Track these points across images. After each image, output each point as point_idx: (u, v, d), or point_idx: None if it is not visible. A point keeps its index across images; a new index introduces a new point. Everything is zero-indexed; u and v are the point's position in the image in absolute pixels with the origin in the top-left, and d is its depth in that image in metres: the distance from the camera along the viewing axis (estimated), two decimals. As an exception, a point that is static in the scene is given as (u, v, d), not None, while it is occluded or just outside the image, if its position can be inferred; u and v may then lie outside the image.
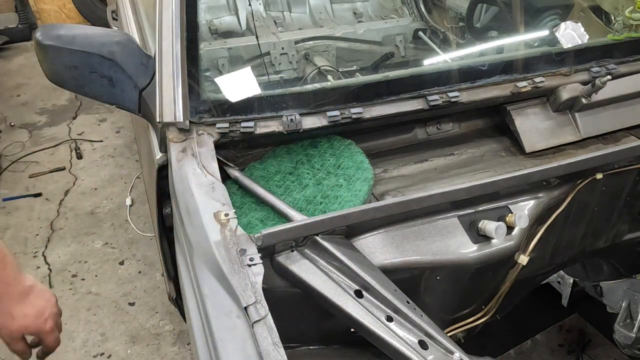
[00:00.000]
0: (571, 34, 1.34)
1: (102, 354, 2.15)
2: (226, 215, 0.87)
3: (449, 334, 1.17)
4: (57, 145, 3.51)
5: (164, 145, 1.12)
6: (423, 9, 2.37)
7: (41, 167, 3.29)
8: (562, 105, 1.34)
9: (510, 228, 1.09)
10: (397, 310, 0.87)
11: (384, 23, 2.32)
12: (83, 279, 2.50)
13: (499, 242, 1.08)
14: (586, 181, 1.21)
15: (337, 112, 1.13)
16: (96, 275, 2.53)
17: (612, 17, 1.74)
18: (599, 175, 1.21)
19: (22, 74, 4.43)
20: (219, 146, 1.06)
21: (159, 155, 1.14)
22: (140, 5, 1.87)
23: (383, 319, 0.86)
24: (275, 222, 1.01)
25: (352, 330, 0.89)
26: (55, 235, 2.77)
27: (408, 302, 0.89)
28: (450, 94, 1.22)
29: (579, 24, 1.36)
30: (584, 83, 1.34)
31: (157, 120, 1.07)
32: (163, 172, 1.13)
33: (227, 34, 2.11)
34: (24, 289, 0.86)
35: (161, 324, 2.30)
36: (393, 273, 0.96)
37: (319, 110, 1.13)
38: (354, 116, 1.13)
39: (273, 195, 1.05)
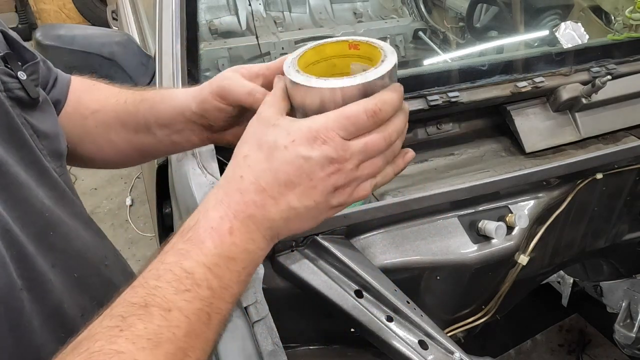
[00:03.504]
0: (571, 34, 1.34)
1: (102, 354, 2.15)
2: (226, 215, 0.87)
3: (449, 334, 1.17)
4: (57, 145, 3.52)
5: (164, 145, 1.12)
6: (423, 9, 2.37)
7: (41, 167, 3.29)
8: (562, 105, 1.34)
9: (510, 228, 1.09)
10: (397, 310, 0.87)
11: (384, 23, 2.32)
12: (83, 279, 2.50)
13: (499, 242, 1.08)
14: (586, 181, 1.21)
15: (337, 112, 1.13)
16: (96, 275, 2.53)
17: (612, 17, 1.74)
18: (599, 175, 1.21)
19: (22, 74, 4.43)
20: (219, 146, 1.06)
21: (159, 155, 1.13)
22: (140, 5, 1.87)
23: (383, 319, 0.86)
24: (275, 222, 1.01)
25: (352, 330, 0.89)
26: (55, 235, 2.77)
27: (408, 302, 0.89)
28: (450, 94, 1.22)
29: (579, 24, 1.36)
30: (584, 83, 1.34)
31: (157, 120, 1.07)
32: (163, 172, 1.13)
33: (227, 34, 2.11)
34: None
35: (161, 324, 2.31)
36: (393, 273, 0.96)
37: (319, 110, 1.13)
38: (354, 116, 1.13)
39: (273, 195, 1.05)
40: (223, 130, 0.73)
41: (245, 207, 0.49)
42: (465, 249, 1.05)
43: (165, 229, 1.22)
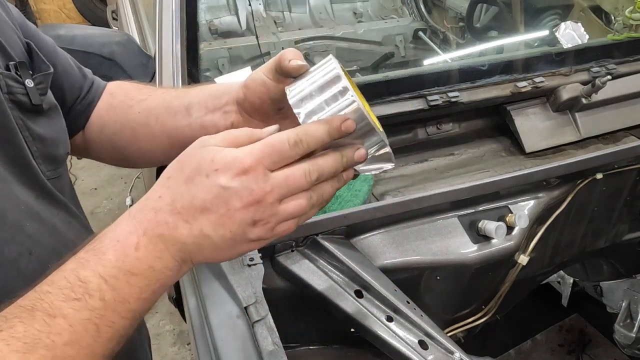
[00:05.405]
0: (571, 34, 1.34)
1: (102, 354, 2.14)
2: (226, 215, 0.87)
3: (449, 334, 1.17)
4: (57, 145, 3.51)
5: (164, 145, 1.11)
6: (423, 9, 2.37)
7: (41, 167, 3.29)
8: (562, 105, 1.34)
9: (510, 228, 1.09)
10: (397, 310, 0.87)
11: (384, 23, 2.32)
12: (83, 279, 2.50)
13: (499, 242, 1.08)
14: (586, 181, 1.21)
15: (337, 112, 1.13)
16: (96, 275, 2.53)
17: (612, 17, 1.74)
18: (599, 175, 1.21)
19: (22, 74, 4.42)
20: (219, 146, 1.06)
21: (159, 155, 1.13)
22: (140, 5, 1.87)
23: (383, 319, 0.86)
24: (275, 222, 1.01)
25: (352, 330, 0.89)
26: (55, 235, 2.76)
27: (408, 302, 0.89)
28: (450, 94, 1.22)
29: (579, 24, 1.36)
30: (584, 83, 1.34)
31: (157, 120, 1.07)
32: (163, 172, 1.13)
33: (227, 34, 2.11)
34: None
35: (161, 324, 2.30)
36: (393, 273, 0.96)
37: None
38: (354, 116, 1.13)
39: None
40: (252, 117, 0.70)
41: (155, 226, 0.49)
42: (465, 249, 1.05)
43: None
